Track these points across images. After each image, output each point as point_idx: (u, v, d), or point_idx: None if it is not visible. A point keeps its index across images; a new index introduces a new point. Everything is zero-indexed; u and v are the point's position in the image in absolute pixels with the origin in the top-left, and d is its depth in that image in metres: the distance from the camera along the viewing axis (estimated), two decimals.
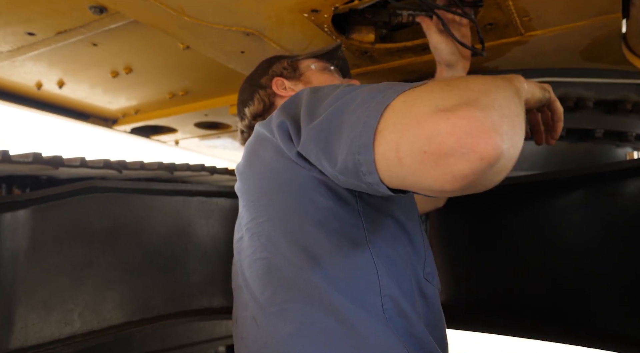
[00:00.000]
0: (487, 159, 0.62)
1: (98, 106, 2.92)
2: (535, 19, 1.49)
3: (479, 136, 0.62)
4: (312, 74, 1.40)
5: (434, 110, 0.67)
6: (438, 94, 0.70)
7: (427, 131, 0.66)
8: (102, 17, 1.63)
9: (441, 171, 0.65)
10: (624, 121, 1.95)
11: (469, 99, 0.67)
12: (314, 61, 1.44)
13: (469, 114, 0.64)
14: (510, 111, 0.69)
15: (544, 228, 1.66)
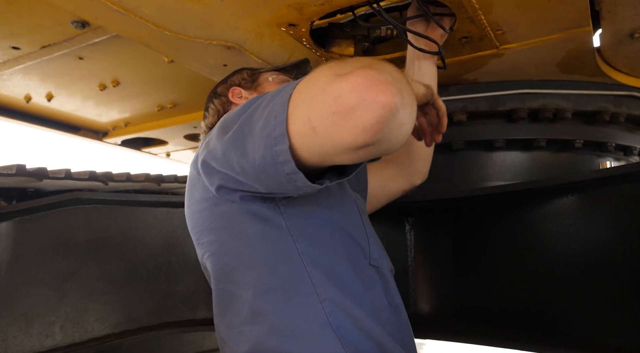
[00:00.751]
0: (388, 106, 0.70)
1: (88, 119, 2.95)
2: (509, 32, 1.52)
3: (377, 88, 0.71)
4: (268, 85, 1.41)
5: (334, 77, 0.74)
6: (335, 67, 0.77)
7: (332, 95, 0.73)
8: (85, 32, 1.66)
9: (351, 125, 0.72)
10: (602, 131, 1.98)
11: (363, 64, 0.75)
12: (275, 74, 1.45)
13: (365, 73, 0.72)
14: (399, 78, 0.76)
15: (525, 237, 1.67)
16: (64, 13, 1.58)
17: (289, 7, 1.36)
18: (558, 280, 1.54)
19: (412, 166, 1.54)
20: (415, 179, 1.58)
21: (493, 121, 1.96)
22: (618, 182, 1.34)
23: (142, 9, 1.40)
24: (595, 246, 1.40)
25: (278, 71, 1.46)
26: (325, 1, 1.33)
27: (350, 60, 0.79)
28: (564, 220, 1.51)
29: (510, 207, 1.74)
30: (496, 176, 2.01)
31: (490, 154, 2.02)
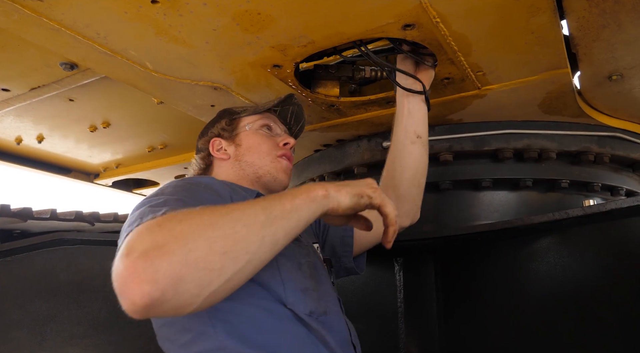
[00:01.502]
0: (138, 304, 0.70)
1: (79, 160, 2.96)
2: (489, 74, 1.55)
3: (131, 285, 0.70)
4: (244, 135, 1.43)
5: (127, 251, 0.73)
6: (147, 234, 0.75)
7: (114, 268, 0.75)
8: (74, 73, 1.69)
9: (120, 299, 0.73)
10: (588, 171, 1.99)
11: (154, 245, 0.73)
12: (254, 119, 1.45)
13: (133, 264, 0.71)
14: (206, 253, 0.73)
15: (512, 277, 1.65)
16: (52, 55, 1.61)
17: (272, 48, 1.39)
18: (545, 320, 1.51)
19: (400, 208, 1.50)
20: (404, 221, 1.54)
21: (479, 160, 1.98)
22: (599, 220, 1.34)
23: (128, 51, 1.43)
24: (580, 285, 1.38)
25: (260, 113, 1.46)
26: (308, 43, 1.36)
27: (181, 220, 0.77)
28: (549, 259, 1.50)
29: (496, 246, 1.73)
30: (484, 216, 2.01)
31: (477, 193, 2.02)
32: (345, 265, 1.51)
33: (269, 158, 1.39)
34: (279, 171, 1.38)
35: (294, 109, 1.55)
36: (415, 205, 1.56)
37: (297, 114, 1.58)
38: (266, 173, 1.37)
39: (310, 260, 1.18)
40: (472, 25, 1.28)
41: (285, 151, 1.42)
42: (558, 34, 1.33)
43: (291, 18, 1.24)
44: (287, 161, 1.42)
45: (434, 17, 1.23)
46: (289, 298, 1.03)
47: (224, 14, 1.22)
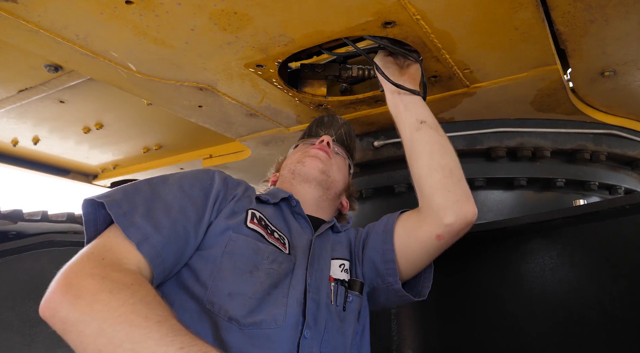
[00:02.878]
0: (40, 310, 0.87)
1: (77, 162, 2.97)
2: (476, 71, 1.52)
3: (48, 299, 0.86)
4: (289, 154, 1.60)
5: (69, 275, 0.87)
6: (84, 279, 0.86)
7: (69, 263, 0.90)
8: (59, 75, 1.69)
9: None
10: (584, 170, 1.95)
11: (76, 294, 0.84)
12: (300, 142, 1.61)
13: (58, 290, 0.85)
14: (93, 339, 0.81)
15: (504, 278, 1.62)
16: (36, 57, 1.61)
17: (253, 48, 1.37)
18: (537, 323, 1.48)
19: (432, 203, 1.26)
20: (443, 216, 1.24)
21: (472, 159, 1.94)
22: (588, 220, 1.30)
23: (109, 52, 1.42)
24: (570, 288, 1.35)
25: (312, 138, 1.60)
26: (289, 41, 1.34)
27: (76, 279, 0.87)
28: (539, 261, 1.46)
29: (489, 247, 1.70)
30: (479, 215, 1.96)
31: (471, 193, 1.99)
32: (393, 286, 1.29)
33: (299, 153, 1.49)
34: (305, 156, 1.44)
35: (344, 130, 1.64)
36: (448, 193, 1.26)
37: (349, 133, 1.66)
38: (295, 162, 1.45)
39: (279, 269, 1.11)
40: (453, 22, 1.26)
41: (318, 146, 1.48)
42: (543, 30, 1.29)
43: (268, 17, 1.22)
44: (317, 150, 1.46)
45: (414, 14, 1.21)
46: (210, 298, 1.02)
47: (200, 13, 1.21)
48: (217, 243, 1.09)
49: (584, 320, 1.29)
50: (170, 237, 0.99)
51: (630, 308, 1.21)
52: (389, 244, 1.30)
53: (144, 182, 1.07)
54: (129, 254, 0.94)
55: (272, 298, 1.06)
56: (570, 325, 1.34)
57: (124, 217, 0.95)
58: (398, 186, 1.99)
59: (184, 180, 1.12)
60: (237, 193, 1.21)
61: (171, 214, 1.02)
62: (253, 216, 1.17)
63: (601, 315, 1.25)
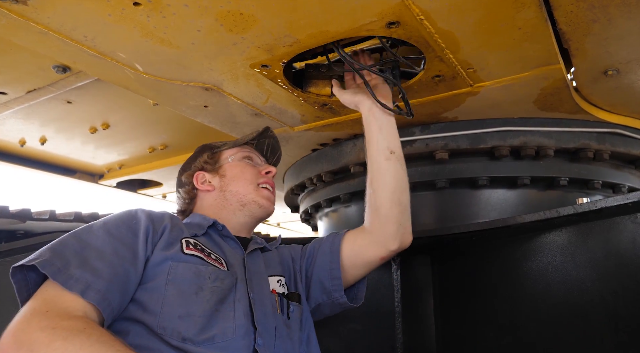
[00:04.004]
0: None
1: (83, 162, 2.99)
2: (480, 71, 1.53)
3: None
4: (228, 166, 1.50)
5: (17, 332, 0.89)
6: (33, 334, 0.88)
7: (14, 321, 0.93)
8: (67, 76, 1.71)
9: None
10: (588, 169, 1.96)
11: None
12: (234, 151, 1.53)
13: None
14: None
15: (507, 277, 1.64)
16: (44, 58, 1.63)
17: (258, 48, 1.39)
18: (540, 321, 1.49)
19: (384, 231, 1.45)
20: (390, 244, 1.45)
21: (475, 158, 1.95)
22: (591, 218, 1.31)
23: (117, 53, 1.44)
24: (573, 286, 1.36)
25: (239, 146, 1.54)
26: (294, 42, 1.36)
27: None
28: (542, 259, 1.47)
29: (492, 246, 1.71)
30: (482, 215, 1.99)
31: (474, 192, 2.00)
32: (339, 300, 1.46)
33: (252, 186, 1.46)
34: (262, 199, 1.45)
35: (270, 141, 1.63)
36: (400, 226, 1.46)
37: (273, 146, 1.66)
38: (251, 201, 1.44)
39: (222, 285, 1.16)
40: (457, 22, 1.27)
41: (268, 179, 1.50)
42: (546, 30, 1.31)
43: (273, 18, 1.23)
44: (270, 191, 1.50)
45: (418, 14, 1.22)
46: (161, 324, 1.05)
47: (206, 14, 1.22)
48: (158, 274, 1.12)
49: (588, 317, 1.30)
50: (111, 279, 1.02)
51: (634, 305, 1.22)
52: (336, 263, 1.45)
53: (69, 236, 1.09)
54: (73, 302, 0.96)
55: (220, 314, 1.12)
56: (573, 323, 1.35)
57: (60, 273, 0.97)
58: None
59: (108, 225, 1.15)
60: (166, 225, 1.24)
61: (105, 259, 1.05)
62: (188, 243, 1.22)
63: (604, 313, 1.26)
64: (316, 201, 2.44)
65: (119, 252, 1.08)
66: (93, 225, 1.15)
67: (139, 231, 1.16)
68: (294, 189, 2.57)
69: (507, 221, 1.47)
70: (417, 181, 1.99)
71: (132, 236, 1.14)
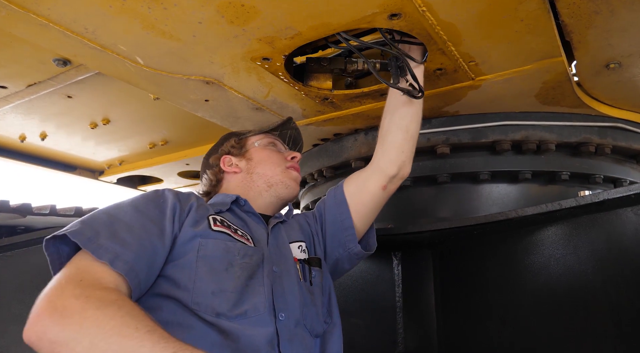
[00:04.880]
0: (25, 336, 0.89)
1: (83, 158, 2.98)
2: (482, 64, 1.53)
3: (32, 323, 0.88)
4: (254, 151, 1.52)
5: (52, 297, 0.90)
6: (68, 299, 0.89)
7: (49, 286, 0.93)
8: (67, 69, 1.70)
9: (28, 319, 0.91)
10: (589, 163, 1.96)
11: (62, 315, 0.87)
12: (260, 137, 1.55)
13: (42, 315, 0.87)
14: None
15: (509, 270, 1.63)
16: (45, 51, 1.62)
17: (259, 41, 1.38)
18: (541, 314, 1.49)
19: (385, 156, 1.46)
20: (389, 169, 1.45)
21: (477, 153, 1.95)
22: (593, 211, 1.31)
23: (118, 46, 1.43)
24: (575, 278, 1.36)
25: (264, 133, 1.56)
26: (295, 34, 1.35)
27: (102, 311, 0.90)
28: (544, 252, 1.47)
29: (493, 240, 1.71)
30: (483, 209, 1.99)
31: (476, 186, 2.00)
32: (353, 250, 1.48)
33: (279, 168, 1.48)
34: (290, 179, 1.47)
35: (292, 133, 1.65)
36: (401, 152, 1.45)
37: (295, 137, 1.67)
38: (278, 182, 1.46)
39: (251, 261, 1.19)
40: (459, 14, 1.26)
41: (294, 164, 1.52)
42: (549, 22, 1.30)
43: (275, 9, 1.23)
44: (296, 172, 1.52)
45: (420, 5, 1.22)
46: (195, 299, 1.07)
47: (207, 6, 1.22)
48: (188, 250, 1.15)
49: (590, 309, 1.30)
50: (139, 251, 1.04)
51: (636, 297, 1.22)
52: (345, 213, 1.47)
53: (98, 211, 1.11)
54: (104, 273, 0.98)
55: (250, 289, 1.15)
56: (576, 315, 1.35)
57: (90, 242, 0.99)
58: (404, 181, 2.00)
59: (137, 202, 1.17)
60: (192, 203, 1.26)
61: (134, 232, 1.07)
62: (215, 220, 1.25)
63: (607, 305, 1.26)
64: (317, 196, 2.43)
65: (146, 227, 1.10)
66: (122, 202, 1.17)
67: (166, 209, 1.18)
68: None
69: (508, 214, 1.47)
70: (418, 176, 1.99)
71: (160, 213, 1.17)
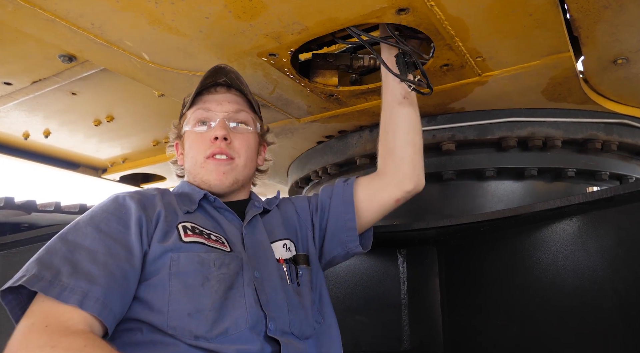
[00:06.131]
0: None
1: (87, 155, 2.98)
2: (489, 59, 1.52)
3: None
4: (186, 137, 1.40)
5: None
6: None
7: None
8: (73, 66, 1.70)
9: None
10: (595, 160, 1.95)
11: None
12: (190, 115, 1.38)
13: None
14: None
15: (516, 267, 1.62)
16: (51, 47, 1.62)
17: (266, 36, 1.38)
18: (549, 311, 1.48)
19: (399, 172, 1.44)
20: (406, 184, 1.43)
21: (482, 150, 1.95)
22: (602, 206, 1.30)
23: (124, 41, 1.43)
24: (584, 274, 1.35)
25: (193, 106, 1.39)
26: (302, 29, 1.35)
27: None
28: (552, 248, 1.46)
29: (500, 236, 1.70)
30: (489, 206, 1.98)
31: (481, 183, 1.99)
32: (353, 250, 1.45)
33: (198, 163, 1.32)
34: (209, 175, 1.30)
35: (227, 81, 1.39)
36: (414, 166, 1.45)
37: (232, 85, 1.40)
38: (200, 181, 1.31)
39: (229, 271, 1.11)
40: (467, 8, 1.26)
41: (215, 149, 1.29)
42: (557, 16, 1.29)
43: (283, 4, 1.22)
44: (216, 160, 1.30)
45: (428, 0, 1.21)
46: (171, 323, 1.00)
47: (215, 0, 1.21)
48: (160, 267, 1.06)
49: (599, 306, 1.30)
50: (108, 284, 0.96)
51: None
52: (351, 214, 1.43)
53: (55, 240, 1.02)
54: (72, 314, 0.90)
55: (230, 302, 1.07)
56: (584, 312, 1.34)
57: (52, 286, 0.91)
58: None
59: (96, 219, 1.06)
60: (159, 211, 1.15)
61: (99, 260, 0.98)
62: (185, 229, 1.14)
63: (616, 301, 1.25)
64: None
65: (112, 251, 1.00)
66: (79, 221, 1.06)
67: (130, 223, 1.08)
68: (298, 182, 2.56)
69: (517, 211, 1.46)
70: None
71: (123, 229, 1.06)
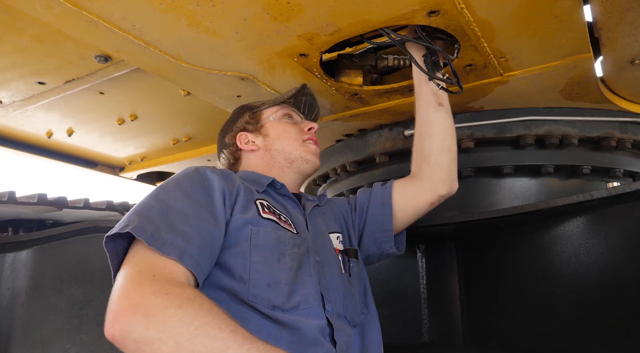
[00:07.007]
0: (107, 334, 0.86)
1: (105, 154, 3.03)
2: (512, 60, 1.57)
3: (111, 322, 0.86)
4: (270, 125, 1.52)
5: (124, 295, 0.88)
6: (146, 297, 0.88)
7: (113, 293, 0.92)
8: (107, 66, 1.75)
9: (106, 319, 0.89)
10: (610, 157, 2.00)
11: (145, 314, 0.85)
12: (274, 110, 1.55)
13: (121, 313, 0.86)
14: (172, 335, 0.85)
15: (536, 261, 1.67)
16: (88, 48, 1.67)
17: (299, 37, 1.43)
18: (570, 303, 1.53)
19: (435, 177, 1.53)
20: (440, 189, 1.53)
21: (500, 147, 2.00)
22: (624, 201, 1.36)
23: (161, 42, 1.48)
24: (606, 267, 1.40)
25: (278, 105, 1.55)
26: (335, 31, 1.40)
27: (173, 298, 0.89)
28: (573, 242, 1.52)
29: (520, 231, 1.75)
30: (506, 202, 2.03)
31: (499, 180, 2.04)
32: (388, 251, 1.54)
33: (297, 143, 1.49)
34: (309, 154, 1.48)
35: (306, 99, 1.64)
36: (450, 172, 1.54)
37: (311, 104, 1.67)
38: (298, 157, 1.47)
39: (300, 251, 1.18)
40: (496, 11, 1.31)
41: (311, 135, 1.52)
42: (581, 18, 1.35)
43: (319, 6, 1.28)
44: (315, 145, 1.52)
45: (459, 3, 1.26)
46: (252, 291, 1.07)
47: (254, 3, 1.27)
48: (240, 238, 1.13)
49: (622, 298, 1.35)
50: (201, 245, 1.02)
51: None
52: (388, 216, 1.52)
53: (148, 198, 1.08)
54: (174, 268, 0.96)
55: (299, 280, 1.15)
56: (607, 304, 1.39)
57: (153, 238, 0.97)
58: None
59: (183, 186, 1.12)
60: (239, 185, 1.22)
61: (191, 223, 1.04)
62: (263, 206, 1.22)
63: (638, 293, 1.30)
64: (339, 191, 2.48)
65: (201, 215, 1.07)
66: (167, 185, 1.12)
67: (213, 193, 1.14)
68: (316, 180, 2.61)
69: (538, 205, 1.51)
70: None
71: (208, 198, 1.12)
